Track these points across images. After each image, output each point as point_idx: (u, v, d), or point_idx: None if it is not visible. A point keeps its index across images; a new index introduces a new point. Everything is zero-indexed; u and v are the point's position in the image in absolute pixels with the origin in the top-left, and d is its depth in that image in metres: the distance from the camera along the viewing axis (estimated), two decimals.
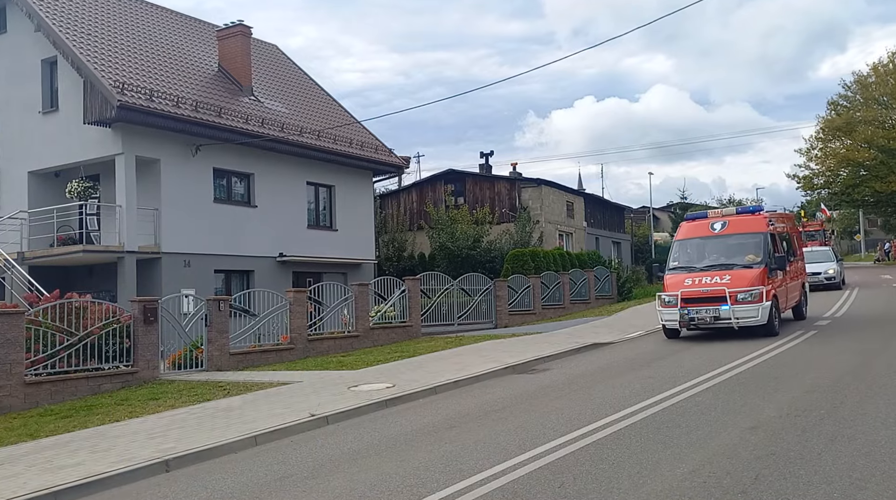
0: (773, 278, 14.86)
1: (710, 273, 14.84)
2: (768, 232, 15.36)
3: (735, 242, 15.47)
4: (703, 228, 16.09)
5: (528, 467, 6.50)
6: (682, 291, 14.65)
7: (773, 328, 14.44)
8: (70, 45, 18.85)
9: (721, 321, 14.29)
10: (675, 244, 16.46)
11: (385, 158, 26.63)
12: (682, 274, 15.28)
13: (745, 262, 14.93)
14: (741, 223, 15.82)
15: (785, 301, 15.74)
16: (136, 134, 18.71)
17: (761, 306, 14.08)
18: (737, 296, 14.18)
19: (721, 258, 15.33)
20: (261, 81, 25.01)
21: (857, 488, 5.36)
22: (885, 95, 47.23)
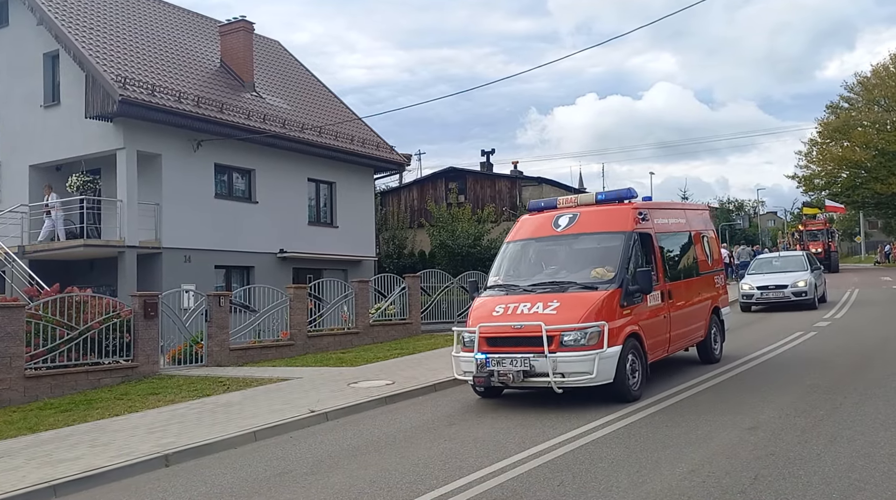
0: (635, 305, 9.39)
1: (533, 297, 9.31)
2: (633, 232, 9.84)
3: (582, 246, 10.15)
4: (546, 224, 10.53)
5: (527, 465, 6.51)
6: (480, 326, 9.21)
7: (627, 391, 8.91)
8: (72, 39, 18.83)
9: (534, 379, 8.77)
10: (504, 249, 10.87)
11: (386, 155, 26.62)
12: (497, 297, 9.74)
13: (587, 279, 9.38)
14: (595, 218, 10.32)
15: (665, 340, 10.21)
16: (137, 129, 18.69)
17: (599, 355, 8.52)
18: (561, 337, 8.64)
19: (560, 272, 9.85)
20: (263, 77, 24.99)
21: (856, 488, 5.37)
22: (886, 97, 47.21)
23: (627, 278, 9.28)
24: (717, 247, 13.22)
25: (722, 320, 12.38)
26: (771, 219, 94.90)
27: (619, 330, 8.93)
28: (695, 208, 13.74)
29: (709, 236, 12.75)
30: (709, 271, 12.26)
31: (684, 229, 11.83)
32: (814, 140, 50.67)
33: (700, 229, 12.40)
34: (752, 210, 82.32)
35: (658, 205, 11.96)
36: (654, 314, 9.88)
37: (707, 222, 13.25)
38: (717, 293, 12.41)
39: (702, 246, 12.24)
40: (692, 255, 11.82)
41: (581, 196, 11.24)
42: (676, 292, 10.68)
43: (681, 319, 10.70)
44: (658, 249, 10.36)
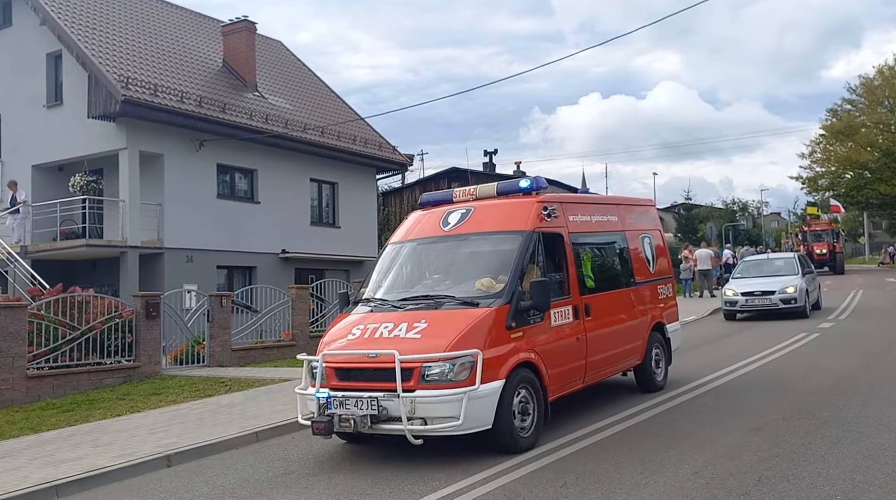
0: (530, 326, 7.32)
1: (400, 316, 7.29)
2: (535, 232, 7.77)
3: (470, 250, 8.13)
4: (435, 222, 8.44)
5: (530, 465, 6.48)
6: (326, 353, 7.23)
7: (512, 439, 6.89)
8: (75, 39, 18.85)
9: (386, 426, 6.69)
10: (383, 253, 8.69)
11: (389, 155, 26.62)
12: (361, 315, 7.70)
13: (469, 293, 7.35)
14: (491, 214, 8.27)
15: (579, 368, 8.09)
16: (139, 129, 18.70)
17: (469, 393, 6.48)
18: (422, 370, 6.65)
19: (443, 282, 7.77)
20: (265, 77, 25.00)
21: (860, 490, 5.34)
22: (890, 98, 47.12)
23: (520, 292, 7.20)
24: (664, 250, 10.83)
25: (668, 339, 10.19)
26: (775, 220, 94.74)
27: (502, 359, 6.84)
28: (632, 204, 10.79)
29: (652, 237, 10.51)
30: (649, 280, 10.02)
31: (614, 229, 9.59)
32: (817, 141, 50.59)
33: (639, 229, 10.21)
34: (756, 211, 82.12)
35: (575, 198, 9.70)
36: (560, 336, 7.74)
37: (651, 220, 10.86)
38: (662, 307, 10.23)
39: (640, 249, 10.04)
40: (625, 260, 9.61)
41: (481, 187, 8.67)
42: (598, 306, 8.47)
43: (604, 340, 8.49)
44: (572, 253, 8.23)
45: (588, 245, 8.87)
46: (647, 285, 9.94)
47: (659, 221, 11.24)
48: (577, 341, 8.03)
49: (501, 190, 8.55)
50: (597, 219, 9.27)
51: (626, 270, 9.62)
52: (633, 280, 9.62)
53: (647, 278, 10.03)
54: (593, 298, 8.48)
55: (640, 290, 9.73)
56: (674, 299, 10.84)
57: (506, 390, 6.82)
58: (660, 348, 9.99)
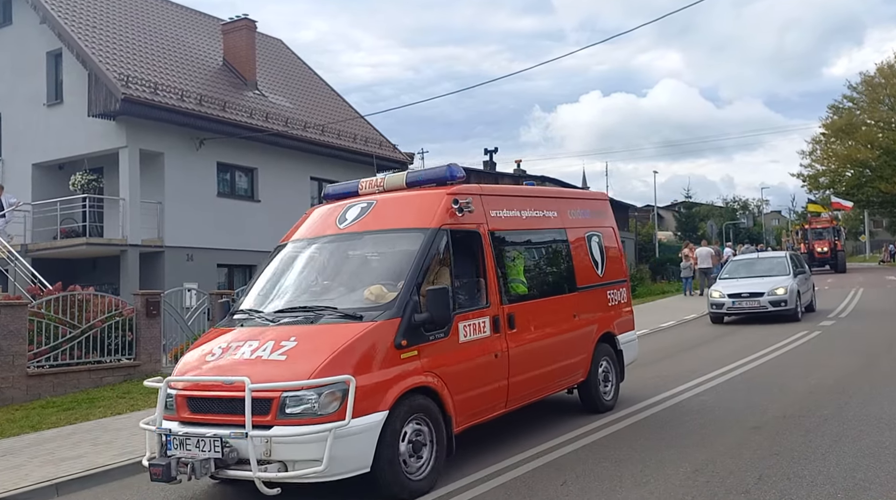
0: (429, 342, 6.14)
1: (269, 332, 6.13)
2: (442, 229, 6.61)
3: (364, 251, 7.07)
4: (332, 217, 7.36)
5: (530, 464, 6.49)
6: (171, 379, 6.13)
7: (399, 483, 5.72)
8: (75, 37, 18.84)
9: (235, 472, 5.53)
10: (273, 254, 7.62)
11: (389, 153, 26.60)
12: (229, 330, 6.49)
13: (355, 303, 6.20)
14: (393, 208, 7.15)
15: (499, 390, 6.87)
16: (140, 127, 18.70)
17: (333, 430, 5.29)
18: (282, 402, 5.45)
19: (332, 290, 6.63)
20: (265, 76, 24.99)
21: (860, 488, 5.33)
22: (891, 96, 47.09)
23: (415, 302, 6.01)
24: (617, 249, 9.52)
25: (619, 351, 8.97)
26: (775, 218, 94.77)
27: (387, 385, 5.63)
28: (578, 198, 9.59)
29: (602, 236, 9.13)
30: (596, 285, 8.72)
31: (552, 226, 8.29)
32: (818, 139, 50.58)
33: (586, 226, 8.89)
34: (757, 209, 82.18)
35: (498, 191, 8.10)
36: (472, 354, 6.49)
37: (602, 217, 9.46)
38: (612, 315, 8.97)
39: (586, 250, 8.73)
40: (565, 262, 8.34)
41: (390, 177, 7.62)
42: (526, 317, 7.28)
43: (533, 356, 7.28)
44: (492, 254, 7.00)
45: (516, 245, 7.67)
46: (593, 291, 8.63)
47: (612, 217, 9.79)
48: (495, 359, 6.77)
49: (411, 180, 7.32)
50: (529, 215, 7.96)
51: (567, 273, 8.31)
52: (575, 285, 8.32)
53: (594, 282, 8.70)
54: (520, 307, 7.24)
55: (585, 296, 8.43)
56: (628, 306, 9.48)
57: (390, 424, 5.59)
58: (609, 362, 8.70)
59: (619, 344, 9.00)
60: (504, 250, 7.38)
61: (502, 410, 7.04)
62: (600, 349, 8.57)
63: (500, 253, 7.24)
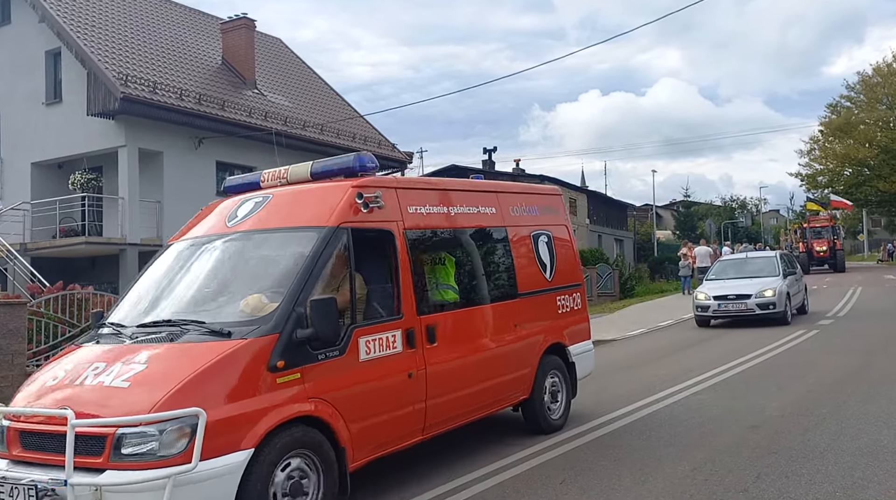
0: (317, 362, 5.18)
1: (120, 351, 5.16)
2: (342, 228, 5.68)
3: (251, 253, 6.05)
4: (223, 214, 6.38)
5: (529, 462, 6.50)
6: (4, 408, 5.17)
7: None
8: (74, 36, 18.84)
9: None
10: (157, 255, 6.58)
11: (388, 152, 26.60)
12: (85, 349, 5.51)
13: (230, 317, 5.26)
14: (289, 203, 6.18)
15: (413, 415, 5.97)
16: (139, 126, 18.71)
17: (174, 477, 4.27)
18: (116, 440, 4.42)
19: (206, 301, 5.63)
20: (264, 75, 24.99)
21: (859, 487, 5.35)
22: (889, 95, 47.14)
23: (301, 315, 5.05)
24: (570, 251, 8.53)
25: (571, 363, 8.01)
26: (774, 217, 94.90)
27: (254, 418, 4.69)
28: (522, 192, 8.22)
29: (552, 236, 8.16)
30: (544, 290, 7.79)
31: (489, 224, 7.32)
32: (816, 138, 50.65)
33: (531, 225, 7.90)
34: (755, 208, 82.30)
35: (418, 184, 7.42)
36: (376, 374, 5.57)
37: (552, 214, 8.42)
38: (563, 323, 8.01)
39: (531, 251, 7.78)
40: (504, 265, 7.40)
41: (294, 167, 6.52)
42: (450, 328, 6.40)
43: (459, 373, 6.38)
44: (407, 257, 6.06)
45: (443, 246, 6.74)
46: (538, 297, 7.68)
47: (566, 214, 8.82)
48: (409, 379, 5.84)
49: (317, 171, 6.30)
50: (459, 211, 6.97)
51: (506, 278, 7.37)
52: (516, 291, 7.36)
53: (541, 287, 7.74)
54: (444, 317, 6.37)
55: (528, 303, 7.47)
56: (582, 314, 8.47)
57: (257, 464, 4.64)
58: (558, 376, 7.80)
59: (570, 356, 8.00)
60: (426, 252, 6.50)
61: (419, 437, 6.08)
62: (547, 362, 7.61)
63: (419, 256, 6.34)
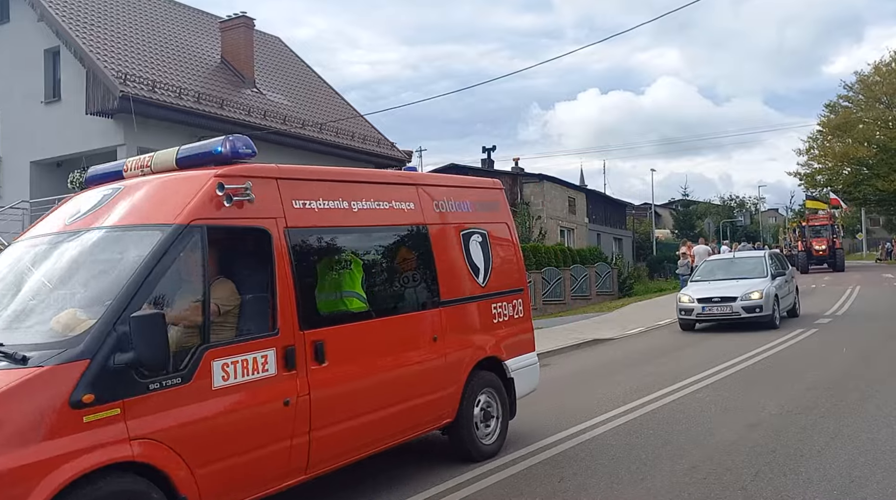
0: (147, 395, 4.16)
1: None
2: (192, 226, 4.63)
3: (82, 256, 4.79)
4: (69, 209, 5.41)
5: (527, 461, 6.51)
6: None
7: None
8: (73, 35, 18.82)
9: None
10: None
11: (387, 151, 26.59)
12: None
13: (38, 337, 4.23)
14: (139, 196, 5.08)
15: (290, 451, 4.94)
16: (138, 125, 18.68)
17: None
18: None
19: (12, 318, 4.51)
20: (263, 74, 24.97)
21: (857, 485, 5.37)
22: (887, 94, 47.20)
23: (123, 335, 4.08)
24: (511, 251, 7.55)
25: (510, 380, 7.02)
26: (773, 216, 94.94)
27: (42, 470, 3.68)
28: (452, 185, 7.19)
29: (488, 235, 7.12)
30: (474, 297, 6.79)
31: (403, 222, 6.30)
32: (814, 137, 50.73)
33: (460, 222, 6.85)
34: (753, 207, 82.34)
35: (311, 174, 5.84)
36: (240, 403, 4.65)
37: (491, 209, 7.43)
38: (500, 334, 7.02)
39: (460, 252, 6.73)
40: (423, 268, 6.36)
41: (160, 154, 5.64)
42: (349, 344, 5.48)
43: (357, 397, 5.45)
44: (289, 260, 5.12)
45: (342, 248, 5.77)
46: (468, 305, 6.71)
47: (506, 209, 7.81)
48: (284, 408, 4.87)
49: (182, 157, 5.39)
50: (366, 207, 5.90)
51: (426, 283, 6.32)
52: (439, 298, 6.34)
53: (471, 293, 6.75)
54: (336, 332, 5.38)
55: (453, 312, 6.48)
56: (525, 323, 7.50)
57: None
58: (493, 395, 6.83)
59: (508, 371, 7.01)
60: (321, 255, 5.61)
61: (301, 476, 5.07)
62: (478, 380, 6.64)
63: (309, 259, 5.42)
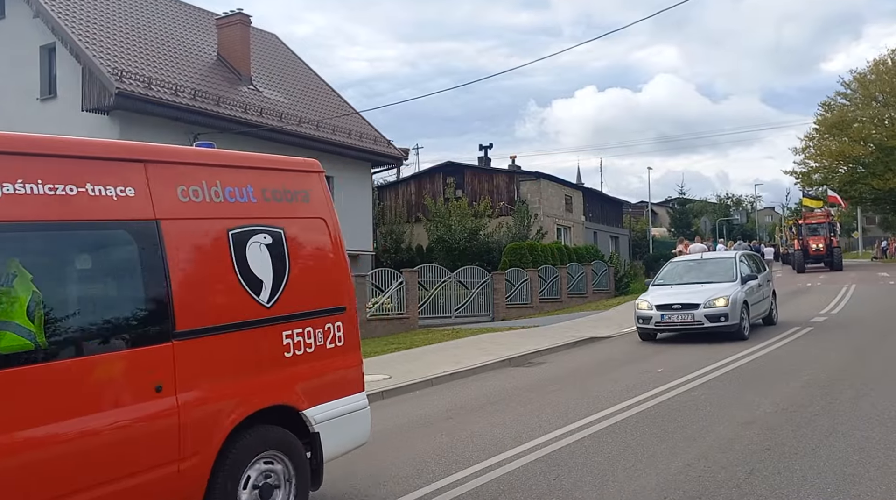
0: None
1: None
2: None
3: None
4: None
5: (523, 459, 6.52)
6: None
7: None
8: (69, 31, 18.78)
9: None
10: None
11: (384, 149, 26.59)
12: None
13: None
14: None
15: None
16: (134, 122, 18.66)
17: None
18: None
19: None
20: (260, 71, 24.93)
21: (850, 483, 5.39)
22: (884, 92, 47.29)
23: None
24: (326, 257, 5.62)
25: (315, 435, 5.18)
26: (769, 214, 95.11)
27: None
28: (210, 164, 5.16)
29: (285, 235, 5.24)
30: (247, 323, 4.91)
31: (109, 216, 4.38)
32: (810, 136, 50.83)
33: (232, 218, 4.98)
34: (750, 205, 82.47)
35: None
36: None
37: (292, 199, 5.47)
38: (296, 373, 5.15)
39: (224, 260, 4.87)
40: (143, 284, 4.47)
41: None
42: None
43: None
44: None
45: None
46: (229, 335, 4.78)
47: (324, 200, 5.75)
48: None
49: None
50: (30, 193, 3.98)
51: (145, 307, 4.42)
52: (173, 326, 4.46)
53: (242, 318, 4.85)
54: None
55: (199, 347, 4.61)
56: (346, 354, 5.54)
57: None
58: (282, 461, 4.96)
59: (312, 424, 5.13)
60: None
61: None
62: (250, 443, 4.73)
63: None
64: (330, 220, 5.74)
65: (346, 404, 5.52)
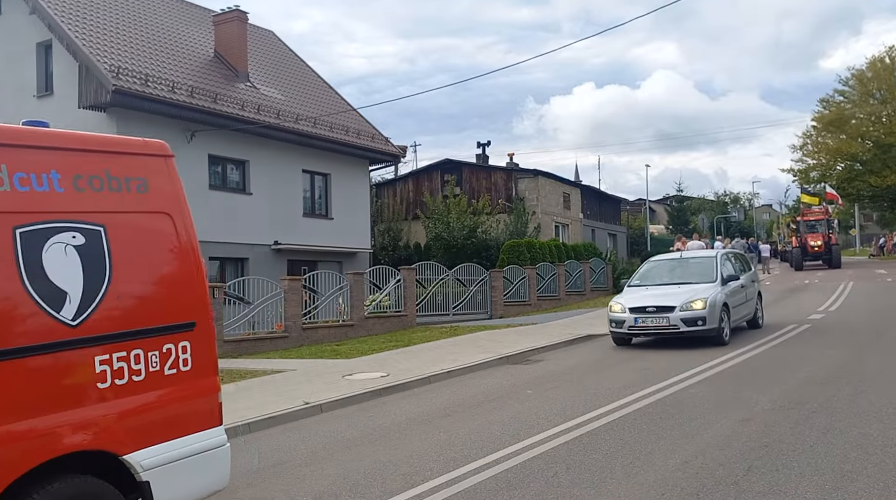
0: None
1: None
2: None
3: None
4: None
5: (521, 456, 6.51)
6: None
7: None
8: (65, 28, 18.72)
9: None
10: None
11: (382, 146, 26.56)
12: None
13: None
14: None
15: None
16: (131, 119, 18.60)
17: None
18: None
19: None
20: (257, 68, 24.89)
21: (848, 479, 5.39)
22: (881, 90, 47.32)
23: None
24: (169, 260, 4.80)
25: (144, 485, 4.15)
26: (766, 212, 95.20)
27: None
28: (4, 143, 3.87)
29: (103, 234, 4.20)
30: (38, 348, 3.80)
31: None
32: (808, 133, 50.89)
33: (23, 211, 3.85)
34: (748, 203, 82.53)
35: None
36: None
37: (120, 189, 4.54)
38: (112, 411, 4.05)
39: (10, 266, 3.73)
40: None
41: None
42: None
43: None
44: None
45: None
46: (12, 363, 3.71)
47: (168, 191, 5.11)
48: None
49: None
50: None
51: None
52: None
53: (25, 342, 3.78)
54: None
55: None
56: (197, 382, 4.56)
57: None
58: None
59: (138, 471, 4.16)
60: None
61: None
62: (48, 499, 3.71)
63: None
64: (178, 215, 4.87)
65: (192, 443, 4.43)
